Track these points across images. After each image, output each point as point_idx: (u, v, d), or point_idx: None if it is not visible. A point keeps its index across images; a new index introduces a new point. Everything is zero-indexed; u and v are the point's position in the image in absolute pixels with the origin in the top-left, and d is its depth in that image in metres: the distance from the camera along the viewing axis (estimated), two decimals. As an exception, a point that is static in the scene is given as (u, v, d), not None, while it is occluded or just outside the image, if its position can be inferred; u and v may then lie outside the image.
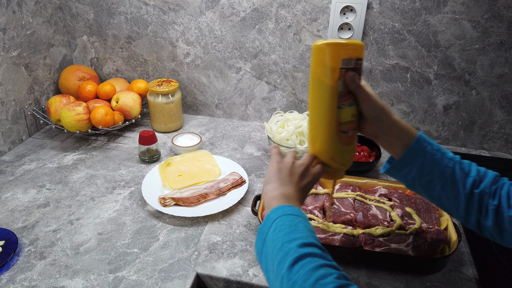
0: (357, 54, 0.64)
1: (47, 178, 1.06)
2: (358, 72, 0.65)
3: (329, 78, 0.63)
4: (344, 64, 0.63)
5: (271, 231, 0.55)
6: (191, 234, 0.88)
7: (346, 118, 0.66)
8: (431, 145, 0.65)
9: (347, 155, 0.70)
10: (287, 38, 1.21)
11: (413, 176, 0.66)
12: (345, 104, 0.65)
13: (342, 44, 0.62)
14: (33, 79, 1.24)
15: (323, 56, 0.62)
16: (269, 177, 0.66)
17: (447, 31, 1.10)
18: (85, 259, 0.81)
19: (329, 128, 0.66)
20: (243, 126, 1.35)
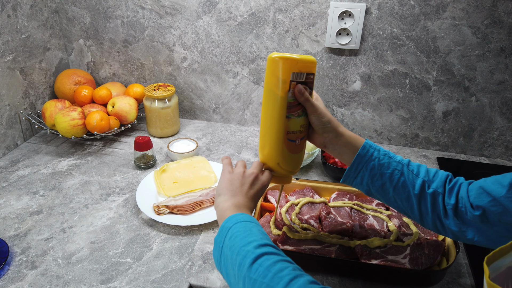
0: (308, 69, 0.68)
1: (41, 184, 1.05)
2: (309, 86, 0.69)
3: (279, 89, 0.67)
4: (295, 77, 0.67)
5: (228, 238, 0.59)
6: (185, 244, 0.87)
7: (294, 128, 0.70)
8: (378, 150, 0.69)
9: (294, 162, 0.74)
10: (285, 43, 1.20)
11: (367, 182, 0.69)
12: (293, 115, 0.69)
13: (294, 59, 0.66)
14: (28, 83, 1.23)
15: (276, 68, 0.66)
16: (221, 189, 0.69)
17: (447, 37, 1.08)
18: (76, 269, 0.80)
19: (277, 136, 0.70)
20: (241, 131, 1.34)
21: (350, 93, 1.22)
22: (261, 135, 0.73)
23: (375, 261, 0.76)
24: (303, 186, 0.97)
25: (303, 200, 0.91)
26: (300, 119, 0.70)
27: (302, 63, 0.67)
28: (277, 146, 0.71)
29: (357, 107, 1.24)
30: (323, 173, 1.13)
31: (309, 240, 0.80)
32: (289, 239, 0.80)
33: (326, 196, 0.96)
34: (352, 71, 1.19)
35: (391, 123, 1.24)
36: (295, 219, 0.86)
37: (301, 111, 0.70)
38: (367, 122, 1.26)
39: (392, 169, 0.67)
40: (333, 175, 1.08)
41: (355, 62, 1.17)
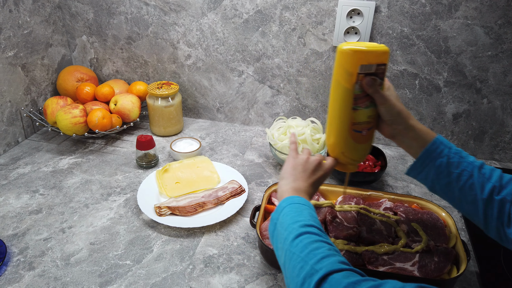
0: (379, 60, 0.66)
1: (41, 182, 1.03)
2: (379, 76, 0.67)
3: (346, 81, 0.66)
4: (363, 69, 0.65)
5: (281, 216, 0.63)
6: (186, 246, 0.85)
7: (360, 119, 0.69)
8: (449, 148, 0.67)
9: (360, 151, 0.74)
10: (291, 42, 1.17)
11: (432, 178, 0.68)
12: (360, 106, 0.68)
13: (363, 51, 0.64)
14: (30, 79, 1.21)
15: (344, 59, 0.65)
16: (284, 172, 0.72)
17: (459, 37, 1.05)
18: (75, 270, 0.78)
19: (342, 127, 0.70)
20: (245, 131, 1.32)
21: (357, 93, 1.19)
22: (328, 123, 0.73)
23: (383, 268, 0.74)
24: (308, 188, 0.94)
25: (309, 203, 0.88)
26: (367, 110, 0.68)
27: (372, 55, 0.65)
28: (342, 136, 0.71)
29: (365, 108, 1.21)
30: (329, 175, 1.10)
31: (314, 245, 0.78)
32: (293, 243, 0.78)
33: (332, 199, 0.94)
34: (360, 71, 1.16)
35: (399, 124, 1.21)
36: (300, 223, 0.83)
37: (369, 102, 0.68)
38: (375, 123, 1.23)
39: (461, 170, 0.66)
40: (339, 177, 1.06)
41: (363, 61, 1.14)
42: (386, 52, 0.66)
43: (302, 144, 1.07)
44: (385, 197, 0.92)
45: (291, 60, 1.20)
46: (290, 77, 1.22)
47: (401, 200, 0.91)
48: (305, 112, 1.27)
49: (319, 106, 1.24)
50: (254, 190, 1.03)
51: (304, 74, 1.21)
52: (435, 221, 0.85)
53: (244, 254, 0.83)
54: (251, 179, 1.07)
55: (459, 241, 0.79)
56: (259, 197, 1.00)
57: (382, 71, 0.67)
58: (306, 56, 1.18)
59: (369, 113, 0.69)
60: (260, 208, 0.87)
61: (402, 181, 1.08)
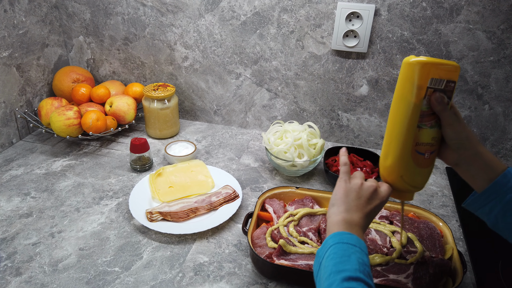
0: (449, 76, 0.61)
1: (33, 185, 1.02)
2: (448, 94, 0.62)
3: (413, 95, 0.61)
4: (433, 83, 0.61)
5: (326, 256, 0.56)
6: (176, 253, 0.83)
7: (424, 139, 0.64)
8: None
9: (420, 177, 0.67)
10: (289, 44, 1.15)
11: (496, 214, 0.61)
12: (426, 125, 0.63)
13: (434, 63, 0.60)
14: (25, 80, 1.20)
15: (412, 72, 0.61)
16: (335, 199, 0.65)
17: (460, 41, 1.03)
18: (62, 277, 0.77)
19: (404, 146, 0.64)
20: (242, 134, 1.30)
21: (356, 97, 1.17)
22: (385, 143, 0.67)
23: (376, 280, 0.72)
24: (302, 195, 0.92)
25: (302, 211, 0.86)
26: (432, 130, 0.63)
27: (444, 69, 0.61)
28: (403, 157, 0.65)
29: (364, 112, 1.19)
30: (325, 181, 1.08)
31: (306, 255, 0.76)
32: (285, 253, 0.76)
33: (327, 207, 0.91)
34: (359, 75, 1.14)
35: (398, 130, 1.19)
36: (293, 231, 0.81)
37: (434, 122, 0.63)
38: (374, 128, 1.21)
39: None
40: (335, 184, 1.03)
41: (362, 65, 1.12)
42: (457, 69, 0.62)
43: (298, 149, 1.05)
44: (381, 205, 0.90)
45: (289, 63, 1.18)
46: (288, 80, 1.20)
47: (398, 209, 0.89)
48: (303, 116, 1.25)
49: (317, 110, 1.22)
50: (249, 195, 1.01)
51: (302, 77, 1.19)
52: (432, 231, 0.83)
53: (235, 262, 0.81)
54: (246, 184, 1.05)
55: (456, 252, 0.76)
56: (253, 203, 0.98)
57: (451, 89, 0.62)
58: (305, 59, 1.16)
59: (434, 134, 0.64)
60: (253, 215, 0.85)
61: (400, 188, 1.06)
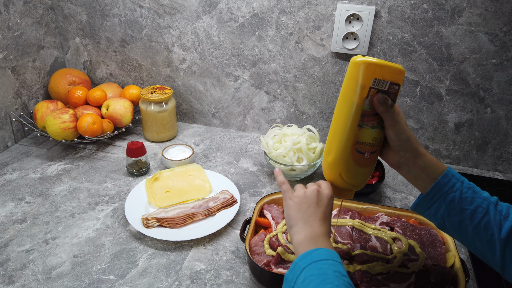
0: (393, 78, 0.62)
1: (28, 190, 1.00)
2: (391, 97, 0.63)
3: (357, 94, 0.63)
4: (376, 84, 0.62)
5: (300, 281, 0.54)
6: (173, 260, 0.81)
7: (365, 139, 0.65)
8: (461, 182, 0.62)
9: (358, 176, 0.69)
10: (288, 47, 1.13)
11: (442, 215, 0.62)
12: (367, 125, 0.64)
13: (378, 64, 0.61)
14: (20, 82, 1.18)
15: (356, 71, 0.62)
16: (290, 219, 0.65)
17: (462, 44, 1.01)
18: (56, 285, 0.75)
19: (345, 144, 0.65)
20: (240, 137, 1.28)
21: (356, 100, 1.16)
22: (328, 140, 0.69)
23: (377, 289, 0.70)
24: (302, 201, 0.90)
25: (301, 217, 0.84)
26: (374, 131, 0.65)
27: (387, 70, 0.61)
28: (343, 155, 0.66)
29: (364, 115, 1.17)
30: (325, 185, 1.06)
31: (305, 263, 0.74)
32: (283, 261, 0.74)
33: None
34: (359, 78, 1.12)
35: (399, 133, 1.17)
36: (292, 238, 0.79)
37: (376, 123, 0.64)
38: (374, 131, 1.19)
39: (476, 206, 0.60)
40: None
41: (362, 68, 1.10)
42: (402, 72, 0.63)
43: (297, 153, 1.03)
44: (382, 211, 0.88)
45: (288, 66, 1.16)
46: (287, 83, 1.19)
47: (398, 215, 0.87)
48: (302, 119, 1.23)
49: (316, 113, 1.21)
50: (247, 200, 1.00)
51: (301, 80, 1.17)
52: (433, 238, 0.81)
53: (233, 270, 0.80)
54: (244, 188, 1.04)
55: (458, 260, 0.75)
56: (252, 208, 0.97)
57: (395, 92, 0.63)
58: (304, 62, 1.14)
59: (375, 135, 0.65)
60: (251, 221, 0.83)
61: (401, 192, 1.04)
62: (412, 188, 1.06)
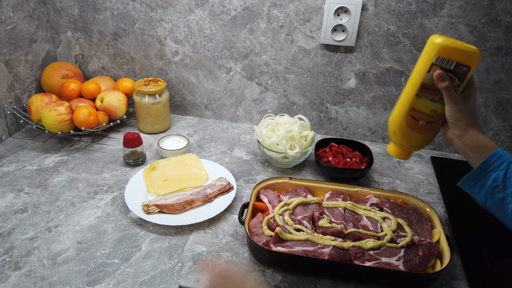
0: (460, 59, 0.68)
1: (26, 181, 1.01)
2: (458, 77, 0.70)
3: (421, 67, 0.72)
4: (439, 62, 0.69)
5: None
6: (175, 244, 0.85)
7: (421, 108, 0.74)
8: (509, 162, 0.66)
9: (411, 139, 0.78)
10: (279, 39, 1.17)
11: (486, 192, 0.67)
12: (426, 97, 0.73)
13: (444, 43, 0.68)
14: (13, 76, 1.19)
15: (427, 47, 0.71)
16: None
17: (443, 35, 1.07)
18: (62, 270, 0.77)
19: (401, 108, 0.76)
20: (233, 128, 1.32)
21: (344, 90, 1.21)
22: (397, 102, 0.78)
23: (369, 263, 0.75)
24: (296, 185, 0.95)
25: (296, 200, 0.89)
26: (433, 103, 0.73)
27: (454, 51, 0.68)
28: (398, 116, 0.77)
29: (352, 105, 1.22)
30: (316, 172, 1.11)
31: (302, 241, 0.79)
32: (281, 240, 0.79)
33: (319, 196, 0.95)
34: (347, 68, 1.17)
35: (385, 121, 1.23)
36: (288, 219, 0.84)
37: (438, 97, 0.72)
38: (361, 120, 1.24)
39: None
40: (326, 174, 1.07)
41: (350, 59, 1.15)
42: (472, 54, 0.68)
43: (290, 141, 1.07)
44: (372, 193, 0.94)
45: (279, 57, 1.20)
46: (278, 74, 1.23)
47: (387, 196, 0.93)
48: (293, 109, 1.28)
49: (306, 103, 1.25)
50: (243, 187, 1.03)
51: (292, 71, 1.21)
52: (420, 217, 0.87)
53: (232, 251, 0.84)
54: (240, 176, 1.08)
55: (443, 235, 0.80)
56: (248, 194, 1.01)
57: (463, 73, 0.69)
58: (294, 54, 1.18)
59: (434, 107, 0.73)
60: (248, 205, 0.87)
61: (388, 177, 1.10)
62: (398, 172, 1.12)
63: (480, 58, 0.69)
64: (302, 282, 0.77)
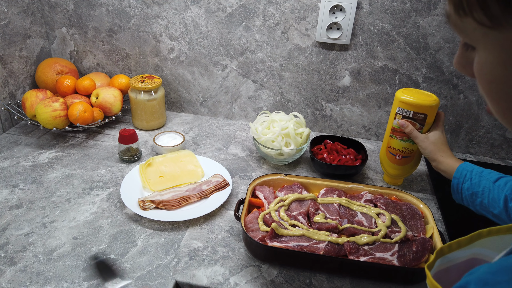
0: (416, 109, 0.91)
1: (21, 177, 1.01)
2: (418, 122, 0.92)
3: (391, 115, 0.97)
4: (400, 111, 0.93)
5: None
6: (171, 239, 0.85)
7: (395, 146, 0.98)
8: (471, 171, 0.82)
9: (391, 169, 1.03)
10: (275, 36, 1.18)
11: (468, 202, 0.82)
12: (396, 137, 0.97)
13: (402, 99, 0.92)
14: (8, 72, 1.18)
15: (394, 99, 0.95)
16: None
17: (437, 34, 1.08)
18: (58, 265, 0.77)
19: (383, 146, 1.03)
20: (228, 125, 1.32)
21: (339, 88, 1.22)
22: None
23: (364, 258, 0.76)
24: (291, 182, 0.96)
25: (292, 196, 0.89)
26: (403, 142, 0.96)
27: (411, 104, 0.90)
28: (382, 152, 1.03)
29: (346, 102, 1.23)
30: (311, 168, 1.12)
31: (298, 237, 0.79)
32: (277, 236, 0.79)
33: (314, 192, 0.96)
34: (342, 66, 1.18)
35: (379, 119, 1.24)
36: (284, 215, 0.84)
37: (406, 137, 0.95)
38: (356, 118, 1.25)
39: (482, 187, 0.78)
40: (321, 171, 1.07)
41: (345, 57, 1.16)
42: (427, 106, 0.89)
43: (285, 138, 1.08)
44: (366, 189, 0.95)
45: (275, 55, 1.21)
46: (274, 72, 1.23)
47: (381, 193, 0.94)
48: (287, 106, 1.28)
49: (301, 100, 1.26)
50: (238, 183, 1.04)
51: (287, 69, 1.22)
52: (414, 212, 0.88)
53: (228, 247, 0.84)
54: (235, 172, 1.08)
55: (436, 231, 0.82)
56: (243, 191, 1.01)
57: (420, 118, 0.91)
58: (289, 51, 1.19)
59: (405, 145, 0.96)
60: (244, 201, 0.88)
61: (382, 174, 1.11)
62: (392, 169, 1.13)
63: (437, 107, 0.90)
64: (298, 277, 0.78)
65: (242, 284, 0.76)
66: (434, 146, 0.88)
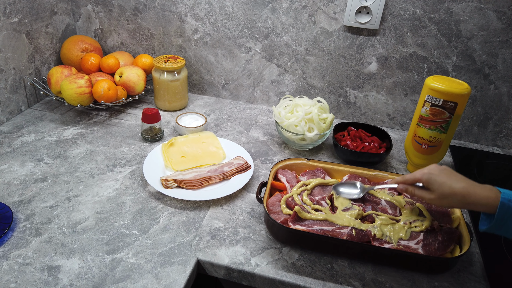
0: (447, 98, 0.89)
1: (46, 151, 1.02)
2: (447, 110, 0.91)
3: (419, 103, 0.96)
4: (429, 99, 0.92)
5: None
6: (192, 218, 0.85)
7: (421, 135, 0.97)
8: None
9: (417, 159, 1.01)
10: (301, 19, 1.15)
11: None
12: (424, 126, 0.96)
13: (432, 86, 0.91)
14: (34, 47, 1.19)
15: (423, 86, 0.94)
16: None
17: (470, 20, 1.04)
18: (82, 238, 0.78)
19: (409, 134, 1.02)
20: (250, 109, 1.31)
21: (365, 74, 1.19)
22: None
23: (387, 245, 0.75)
24: (314, 167, 0.95)
25: (315, 181, 0.88)
26: (430, 131, 0.95)
27: (441, 91, 0.89)
28: (407, 141, 1.02)
29: (371, 89, 1.21)
30: (333, 155, 1.10)
31: (321, 221, 0.79)
32: (300, 219, 0.79)
33: (337, 178, 0.94)
34: (369, 52, 1.15)
35: (404, 108, 1.21)
36: (306, 199, 0.84)
37: (434, 126, 0.94)
38: (380, 106, 1.23)
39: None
40: (344, 158, 1.06)
41: (373, 42, 1.13)
42: (458, 94, 0.88)
43: (308, 123, 1.06)
44: (390, 177, 0.93)
45: (300, 39, 1.18)
46: (298, 56, 1.21)
47: (406, 181, 0.92)
48: (311, 92, 1.26)
49: (325, 86, 1.24)
50: (259, 167, 1.03)
51: (312, 53, 1.20)
52: (439, 203, 0.86)
53: (249, 228, 0.84)
54: (256, 156, 1.07)
55: (463, 222, 0.80)
56: (265, 174, 1.01)
57: (450, 107, 0.90)
58: (316, 35, 1.17)
59: (432, 134, 0.95)
60: (266, 184, 0.87)
61: (405, 163, 1.09)
62: (416, 159, 1.11)
63: (468, 95, 0.89)
64: (319, 261, 0.77)
65: (263, 265, 0.75)
66: (449, 198, 0.70)
